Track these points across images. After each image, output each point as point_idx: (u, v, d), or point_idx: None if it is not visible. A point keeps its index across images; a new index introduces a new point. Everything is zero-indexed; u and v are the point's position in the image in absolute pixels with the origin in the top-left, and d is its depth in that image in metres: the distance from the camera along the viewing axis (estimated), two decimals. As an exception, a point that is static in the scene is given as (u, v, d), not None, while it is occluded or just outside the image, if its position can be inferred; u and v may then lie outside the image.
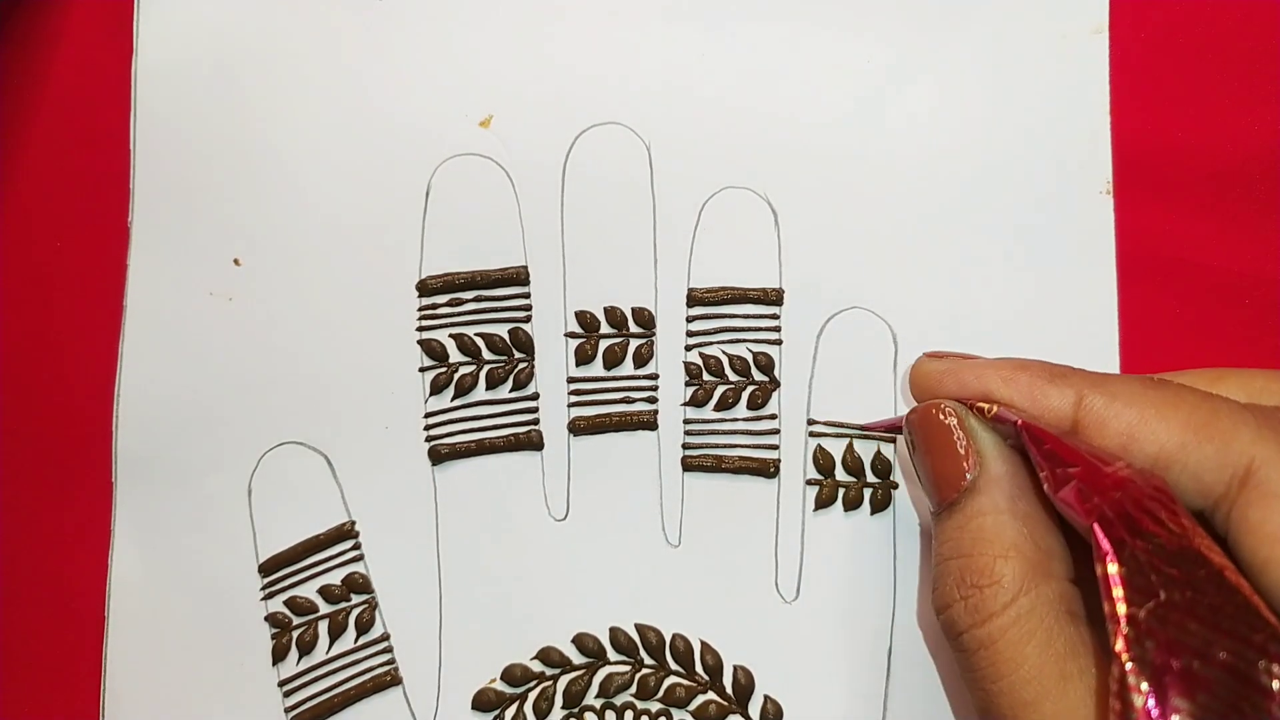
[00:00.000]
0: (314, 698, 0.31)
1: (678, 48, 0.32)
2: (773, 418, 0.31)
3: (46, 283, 0.33)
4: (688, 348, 0.32)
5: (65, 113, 0.33)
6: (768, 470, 0.31)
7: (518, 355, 0.32)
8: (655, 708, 0.30)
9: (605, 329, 0.32)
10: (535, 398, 0.32)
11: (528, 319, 0.32)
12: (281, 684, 0.31)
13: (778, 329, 0.31)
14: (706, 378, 0.31)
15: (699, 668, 0.30)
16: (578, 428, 0.31)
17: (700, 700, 0.30)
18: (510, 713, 0.30)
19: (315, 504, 0.31)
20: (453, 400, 0.32)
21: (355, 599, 0.31)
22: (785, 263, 0.31)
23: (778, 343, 0.31)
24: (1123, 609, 0.19)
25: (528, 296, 0.32)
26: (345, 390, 0.32)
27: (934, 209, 0.31)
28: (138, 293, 0.32)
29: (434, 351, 0.32)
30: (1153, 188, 0.31)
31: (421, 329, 0.32)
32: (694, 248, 0.32)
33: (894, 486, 0.31)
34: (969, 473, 0.24)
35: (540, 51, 0.32)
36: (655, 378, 0.32)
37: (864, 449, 0.31)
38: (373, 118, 0.32)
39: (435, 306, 0.32)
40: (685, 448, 0.31)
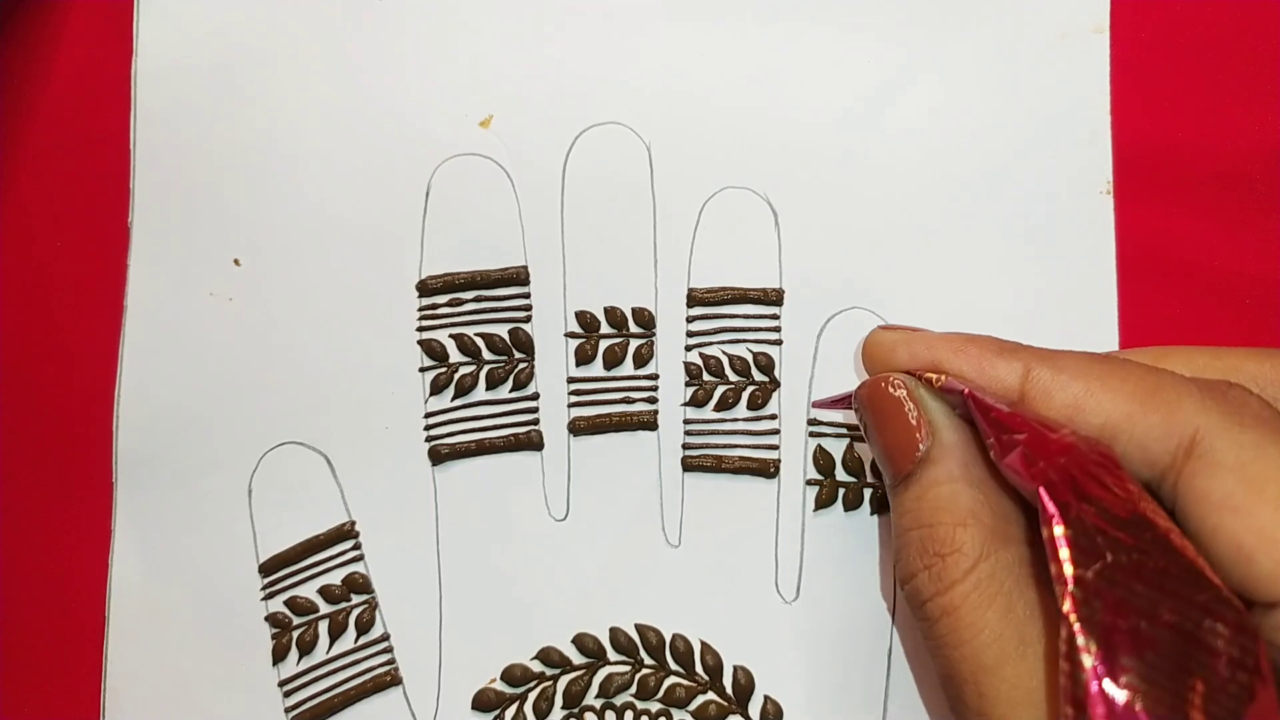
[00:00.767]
0: (314, 698, 0.31)
1: (678, 48, 0.32)
2: (773, 418, 0.31)
3: (46, 283, 0.33)
4: (688, 348, 0.32)
5: (65, 113, 0.33)
6: (768, 470, 0.31)
7: (518, 355, 0.32)
8: (655, 708, 0.30)
9: (605, 329, 0.32)
10: (535, 398, 0.32)
11: (528, 319, 0.32)
12: (282, 684, 0.31)
13: (778, 329, 0.31)
14: (706, 378, 0.31)
15: (699, 668, 0.30)
16: (578, 428, 0.31)
17: (700, 700, 0.30)
18: (510, 713, 0.30)
19: (315, 504, 0.31)
20: (453, 400, 0.32)
21: (355, 599, 0.31)
22: (785, 263, 0.31)
23: (778, 343, 0.31)
24: (1069, 570, 0.20)
25: (528, 296, 0.32)
26: (345, 390, 0.32)
27: (934, 209, 0.31)
28: (138, 293, 0.32)
29: (434, 351, 0.32)
30: (1153, 188, 0.31)
31: (421, 329, 0.32)
32: (694, 248, 0.32)
33: (894, 486, 0.31)
34: (922, 443, 0.24)
35: (540, 52, 0.32)
36: (655, 378, 0.32)
37: (864, 449, 0.31)
38: (373, 118, 0.32)
39: (435, 306, 0.32)
40: (685, 448, 0.31)
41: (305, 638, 0.31)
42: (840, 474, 0.31)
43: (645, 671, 0.30)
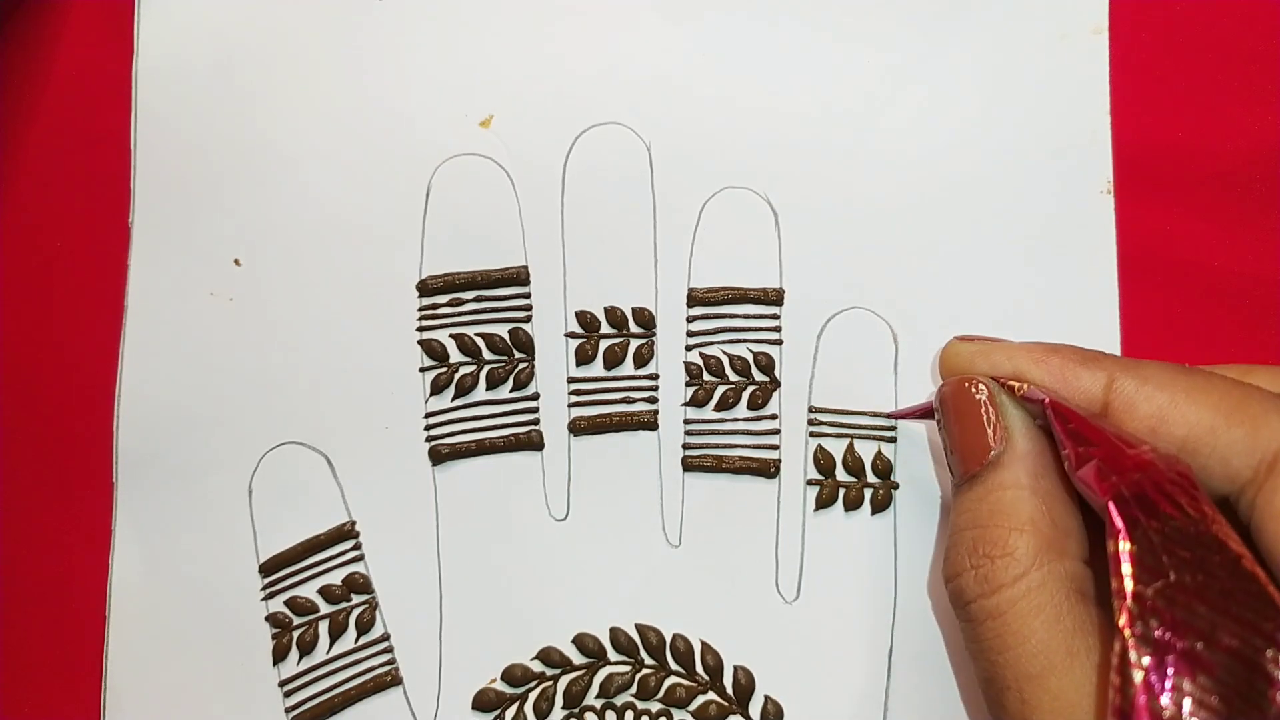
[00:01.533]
0: (314, 698, 0.31)
1: (678, 48, 0.32)
2: (773, 418, 0.31)
3: (47, 283, 0.33)
4: (688, 348, 0.32)
5: (65, 113, 0.33)
6: (768, 470, 0.31)
7: (518, 355, 0.32)
8: (655, 708, 0.30)
9: (605, 329, 0.32)
10: (535, 398, 0.32)
11: (528, 319, 0.32)
12: (282, 684, 0.31)
13: (778, 329, 0.31)
14: (707, 378, 0.31)
15: (699, 668, 0.30)
16: (578, 428, 0.31)
17: (701, 700, 0.30)
18: (510, 713, 0.30)
19: (316, 504, 0.31)
20: (453, 400, 0.32)
21: (356, 599, 0.31)
22: (785, 263, 0.31)
23: (778, 343, 0.31)
24: (1130, 585, 0.20)
25: (528, 296, 0.32)
26: (346, 390, 0.32)
27: (934, 209, 0.31)
28: (138, 293, 0.32)
29: (434, 351, 0.32)
30: (1153, 188, 0.31)
31: (422, 329, 0.32)
32: (694, 248, 0.32)
33: (894, 486, 0.31)
34: (994, 447, 0.24)
35: (540, 51, 0.32)
36: (655, 378, 0.32)
37: (864, 449, 0.31)
38: (373, 118, 0.32)
39: (435, 306, 0.32)
40: (685, 448, 0.31)
41: (305, 638, 0.31)
42: (840, 474, 0.31)
43: (645, 671, 0.30)
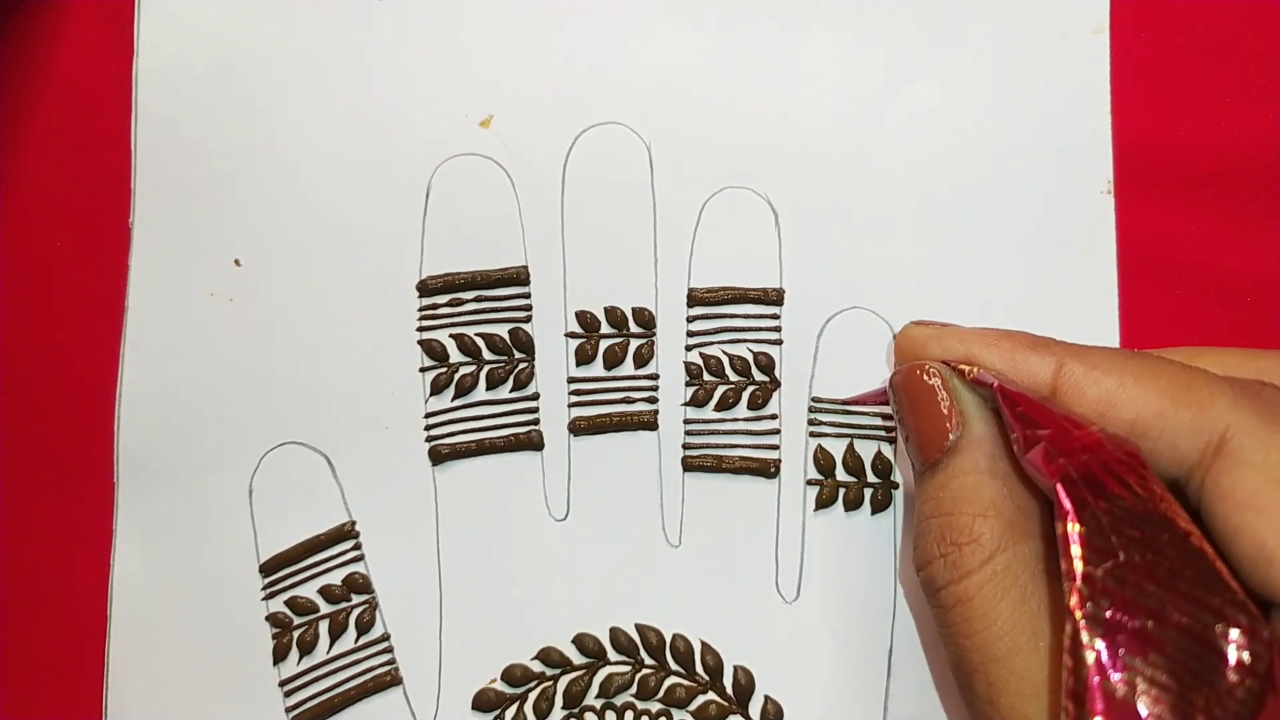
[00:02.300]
0: (315, 698, 0.31)
1: (678, 48, 0.32)
2: (773, 418, 0.31)
3: (47, 283, 0.33)
4: (688, 348, 0.32)
5: (66, 113, 0.33)
6: (768, 470, 0.31)
7: (518, 355, 0.32)
8: (655, 708, 0.30)
9: (605, 329, 0.32)
10: (535, 398, 0.32)
11: (528, 319, 0.32)
12: (282, 684, 0.31)
13: (778, 329, 0.31)
14: (707, 378, 0.31)
15: (699, 668, 0.30)
16: (578, 428, 0.31)
17: (700, 700, 0.30)
18: (510, 713, 0.30)
19: (316, 504, 0.31)
20: (453, 400, 0.32)
21: (356, 599, 0.31)
22: (785, 263, 0.31)
23: (778, 343, 0.31)
24: (1079, 567, 0.20)
25: (528, 296, 0.32)
26: (346, 390, 0.32)
27: (934, 209, 0.31)
28: (138, 293, 0.32)
29: (434, 351, 0.32)
30: (1153, 187, 0.31)
31: (422, 329, 0.32)
32: (694, 248, 0.32)
33: (894, 486, 0.31)
34: (952, 433, 0.24)
35: (540, 51, 0.32)
36: (655, 378, 0.32)
37: (864, 449, 0.31)
38: (373, 118, 0.32)
39: (435, 306, 0.32)
40: (685, 448, 0.31)
41: (306, 638, 0.31)
42: (840, 474, 0.31)
43: (645, 671, 0.30)
